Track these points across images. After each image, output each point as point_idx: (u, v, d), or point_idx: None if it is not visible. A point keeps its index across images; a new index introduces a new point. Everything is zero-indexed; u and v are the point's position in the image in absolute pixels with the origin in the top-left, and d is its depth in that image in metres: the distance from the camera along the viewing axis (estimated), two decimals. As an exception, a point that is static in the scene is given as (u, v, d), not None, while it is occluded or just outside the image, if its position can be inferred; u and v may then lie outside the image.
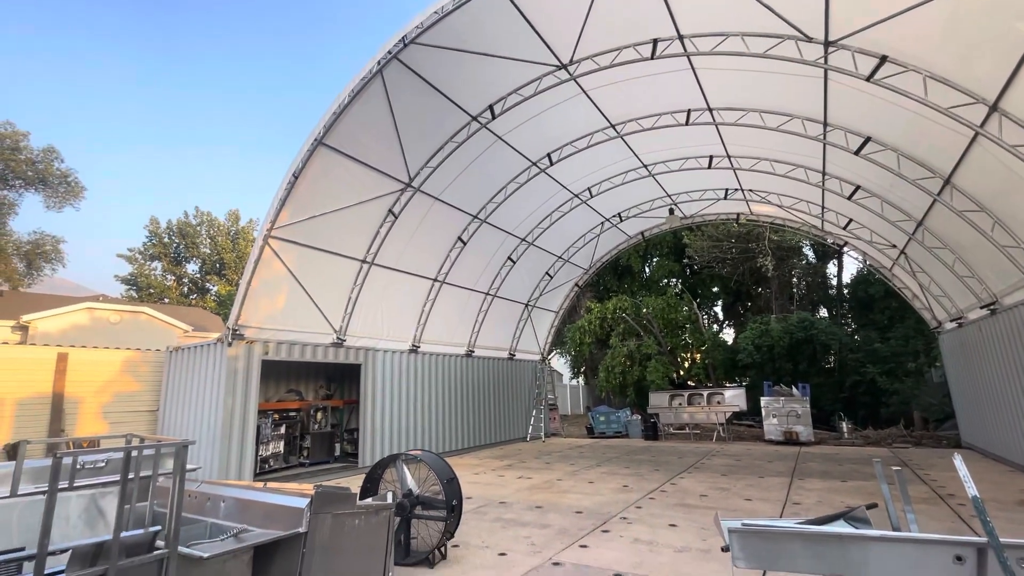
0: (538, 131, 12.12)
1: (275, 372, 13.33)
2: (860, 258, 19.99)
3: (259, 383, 10.61)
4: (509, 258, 16.57)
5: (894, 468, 2.74)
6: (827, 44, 7.35)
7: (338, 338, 12.30)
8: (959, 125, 6.99)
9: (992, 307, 9.93)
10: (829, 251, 28.10)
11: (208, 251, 42.39)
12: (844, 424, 16.52)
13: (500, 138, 11.95)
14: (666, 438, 18.21)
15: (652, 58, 9.01)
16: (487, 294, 16.73)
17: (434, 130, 11.15)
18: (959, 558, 2.28)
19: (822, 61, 7.50)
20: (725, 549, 2.64)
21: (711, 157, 13.42)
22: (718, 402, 17.43)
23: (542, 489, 9.63)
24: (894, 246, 13.24)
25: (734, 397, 17.13)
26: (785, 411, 15.95)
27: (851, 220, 13.78)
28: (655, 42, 8.94)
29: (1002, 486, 8.69)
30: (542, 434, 19.14)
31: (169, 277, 41.74)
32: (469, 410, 16.23)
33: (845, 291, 27.64)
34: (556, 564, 5.53)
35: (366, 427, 12.72)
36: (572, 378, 36.69)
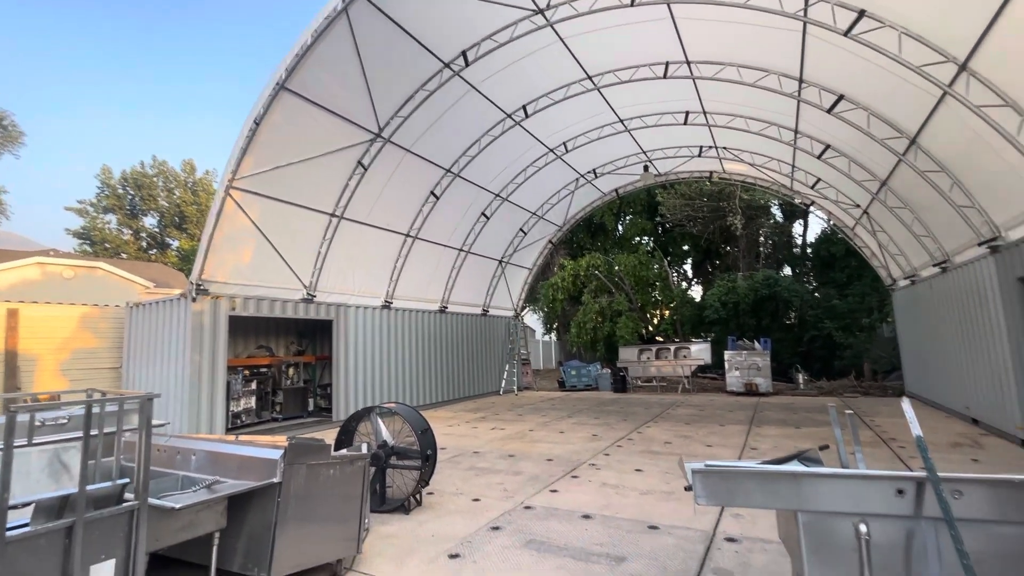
0: (514, 81, 11.72)
1: (244, 328, 13.08)
2: (825, 217, 20.56)
3: (227, 339, 10.40)
4: (483, 214, 16.36)
5: (847, 412, 2.90)
6: (808, -5, 7.22)
7: (308, 294, 12.08)
8: (929, 85, 7.07)
9: (944, 265, 10.42)
10: (796, 211, 28.70)
11: (166, 204, 40.40)
12: (800, 376, 17.44)
13: (474, 87, 11.51)
14: (634, 390, 18.90)
15: (632, 5, 8.69)
16: (460, 250, 16.59)
17: (404, 77, 10.65)
18: (900, 491, 2.47)
19: (802, 13, 7.38)
20: (688, 488, 2.79)
21: (687, 113, 13.30)
22: (684, 356, 18.08)
23: (515, 439, 9.93)
24: (857, 206, 13.61)
25: (699, 351, 17.78)
26: (747, 364, 16.69)
27: (819, 180, 14.03)
28: (635, -12, 8.61)
29: (939, 431, 9.40)
30: (515, 388, 19.58)
31: (125, 231, 39.78)
32: (443, 365, 16.40)
33: (808, 250, 28.53)
34: (528, 508, 5.77)
35: (339, 382, 12.73)
36: (545, 334, 37.33)
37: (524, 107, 12.77)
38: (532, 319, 38.42)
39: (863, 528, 2.48)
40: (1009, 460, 7.26)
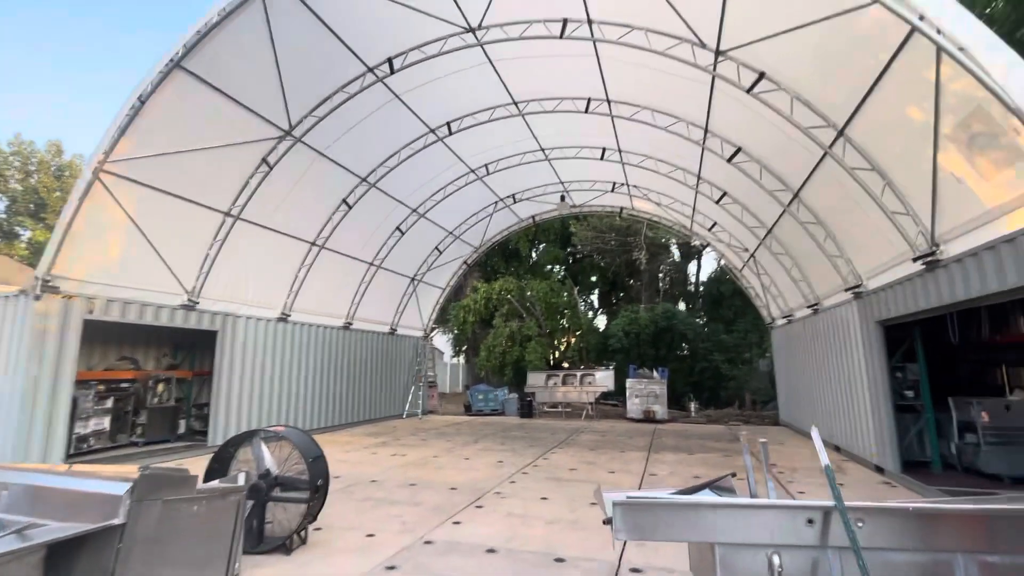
0: (440, 96, 11.53)
1: (105, 336, 11.25)
2: (718, 258, 22.50)
3: (79, 347, 8.81)
4: (398, 228, 15.78)
5: (760, 441, 2.94)
6: (718, 53, 7.88)
7: (190, 300, 10.68)
8: (812, 145, 7.98)
9: (815, 307, 11.71)
10: (692, 251, 31.36)
11: (20, 187, 34.58)
12: (692, 405, 18.61)
13: (398, 97, 11.15)
14: (540, 416, 18.98)
15: (561, 37, 8.95)
16: (371, 264, 15.80)
17: (324, 75, 10.03)
18: (810, 520, 2.49)
19: (711, 68, 8.03)
20: (607, 522, 2.62)
21: (604, 149, 13.95)
22: (589, 383, 18.56)
23: (417, 466, 9.36)
24: (746, 249, 15.01)
25: (604, 378, 18.36)
26: (646, 392, 17.48)
27: (715, 223, 15.33)
28: (565, 21, 8.89)
29: (810, 457, 10.35)
30: (420, 411, 18.81)
31: (-42, 214, 33.34)
32: (344, 385, 15.30)
33: (701, 288, 31.11)
34: (428, 543, 5.32)
35: (219, 402, 11.31)
36: (453, 356, 36.68)
37: (448, 124, 12.61)
38: (441, 341, 37.71)
39: (776, 560, 2.47)
40: (867, 483, 8.11)
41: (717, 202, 12.98)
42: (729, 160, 10.41)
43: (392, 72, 10.12)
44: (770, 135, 8.90)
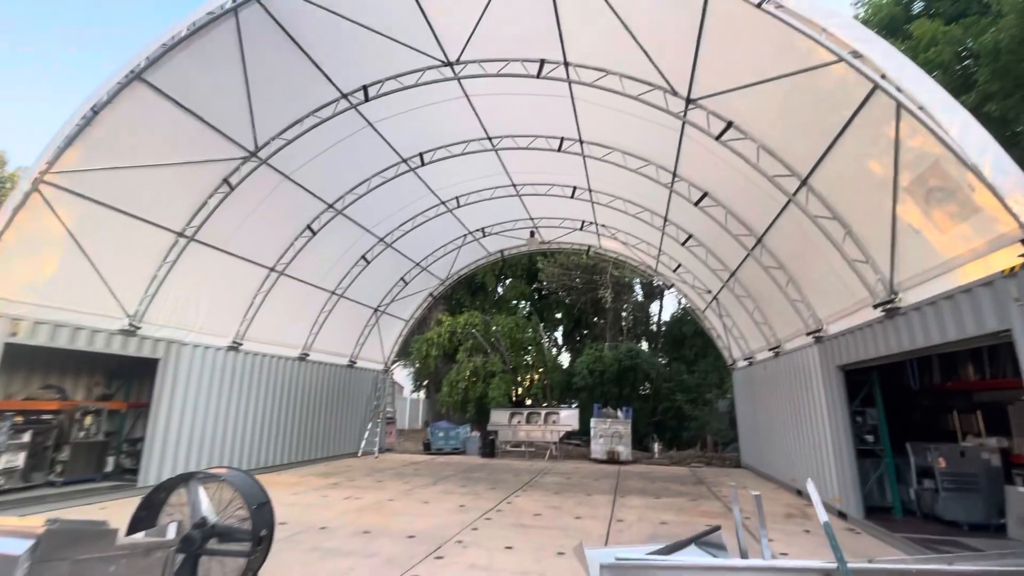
0: (414, 127, 11.48)
1: (29, 361, 10.19)
2: (681, 299, 22.99)
3: (-4, 373, 7.91)
4: (363, 257, 15.37)
5: (754, 494, 2.78)
6: (688, 101, 8.17)
7: (131, 324, 9.89)
8: (776, 192, 8.27)
9: (776, 350, 11.95)
10: (654, 292, 32.07)
11: (-51, 197, 32.06)
12: (656, 445, 18.48)
13: (371, 124, 11.02)
14: (502, 455, 18.39)
15: (538, 77, 9.11)
16: (333, 293, 15.24)
17: (295, 99, 9.81)
18: (812, 584, 2.32)
19: (682, 114, 8.30)
20: (593, 585, 2.36)
21: (574, 188, 14.16)
22: (554, 421, 18.20)
23: (371, 511, 8.72)
24: (709, 291, 15.35)
25: (568, 417, 18.06)
26: (610, 432, 17.26)
27: (680, 264, 15.67)
28: (542, 62, 9.07)
29: (772, 501, 10.29)
30: (376, 449, 17.89)
31: None
32: (297, 421, 14.41)
33: (663, 328, 31.64)
34: (383, 601, 4.82)
35: (155, 437, 10.37)
36: (414, 391, 35.60)
37: (421, 155, 12.53)
38: (402, 375, 36.58)
39: (776, 627, 2.27)
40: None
41: (683, 244, 13.28)
42: (696, 204, 10.70)
43: (367, 100, 10.01)
44: (736, 181, 9.21)
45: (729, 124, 7.98)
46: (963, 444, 8.02)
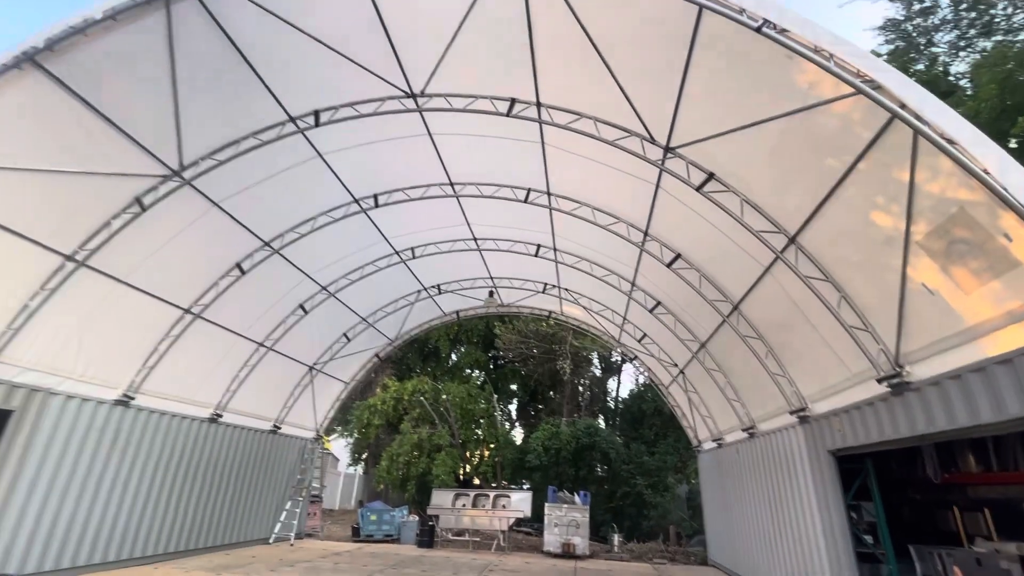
0: (369, 164, 10.53)
1: None
2: (642, 375, 22.07)
3: None
4: (301, 306, 13.73)
5: None
6: (667, 149, 7.61)
7: (-20, 364, 7.82)
8: (759, 252, 7.62)
9: (751, 431, 10.92)
10: (611, 367, 31.17)
11: None
12: (615, 537, 16.58)
13: (321, 156, 9.98)
14: (443, 545, 15.98)
15: (508, 115, 8.44)
16: (261, 345, 13.34)
17: (233, 115, 8.69)
18: None
19: (660, 163, 7.70)
20: None
21: (539, 246, 13.37)
22: (503, 505, 16.13)
23: (260, 627, 6.61)
24: (675, 364, 14.47)
25: (520, 501, 16.07)
26: (566, 520, 15.36)
27: (645, 334, 14.84)
28: (513, 101, 8.44)
29: (756, 613, 8.76)
30: (293, 534, 15.13)
31: None
32: (196, 498, 11.89)
33: (621, 405, 30.43)
34: None
35: (-14, 515, 7.93)
36: (351, 465, 32.15)
37: (376, 196, 11.49)
38: (340, 445, 33.20)
39: None
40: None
41: (651, 311, 12.49)
42: (669, 265, 9.99)
43: (317, 125, 9.01)
44: (714, 241, 8.57)
45: (710, 175, 7.41)
46: (976, 549, 6.96)
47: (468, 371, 29.09)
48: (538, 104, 8.40)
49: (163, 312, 10.49)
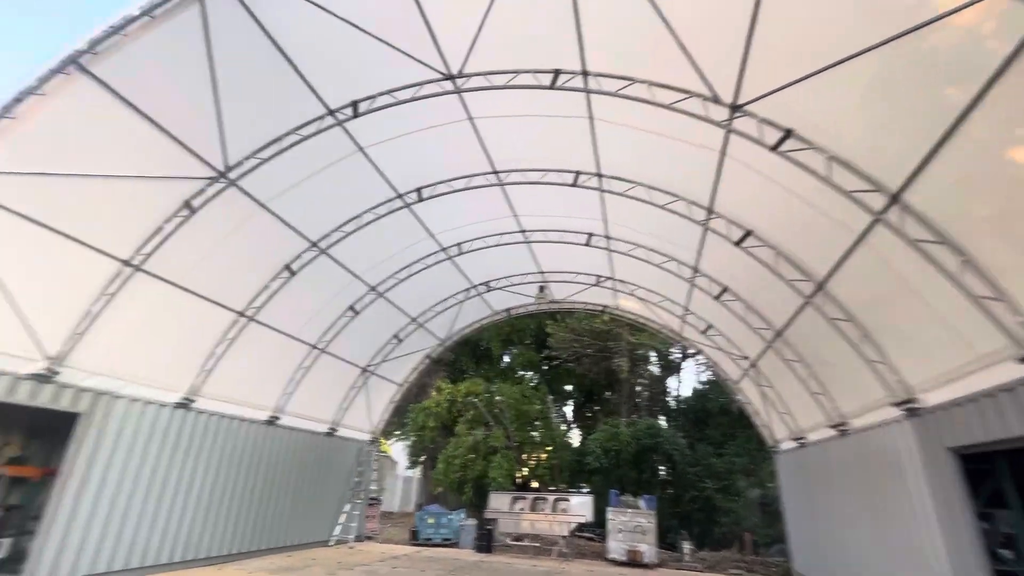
0: (411, 155, 10.21)
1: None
2: (706, 368, 20.72)
3: None
4: (351, 308, 13.66)
5: None
6: (734, 107, 6.73)
7: (48, 369, 8.05)
8: (852, 219, 6.57)
9: (842, 428, 9.66)
10: (671, 365, 29.64)
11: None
12: (686, 545, 15.44)
13: (362, 149, 9.75)
14: (501, 550, 15.44)
15: (552, 87, 7.83)
16: (314, 347, 13.37)
17: (273, 111, 8.60)
18: None
19: (726, 124, 6.82)
20: None
21: (590, 234, 12.62)
22: (563, 510, 15.40)
23: (312, 636, 6.29)
24: (746, 357, 13.25)
25: (580, 505, 15.28)
26: (631, 526, 14.43)
27: (711, 326, 13.70)
28: (557, 72, 7.83)
29: (862, 637, 7.61)
30: (352, 537, 15.10)
31: None
32: (257, 500, 11.99)
33: (682, 404, 28.86)
34: None
35: (58, 515, 8.15)
36: (409, 468, 32.37)
37: (419, 190, 11.18)
38: (398, 448, 33.52)
39: None
40: None
41: (717, 298, 11.43)
42: (738, 243, 8.99)
43: (356, 115, 8.76)
44: (792, 211, 7.55)
45: (787, 133, 6.45)
46: None
47: (521, 372, 28.56)
48: (584, 73, 7.73)
49: (218, 315, 10.61)
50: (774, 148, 6.48)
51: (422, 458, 29.76)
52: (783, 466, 14.08)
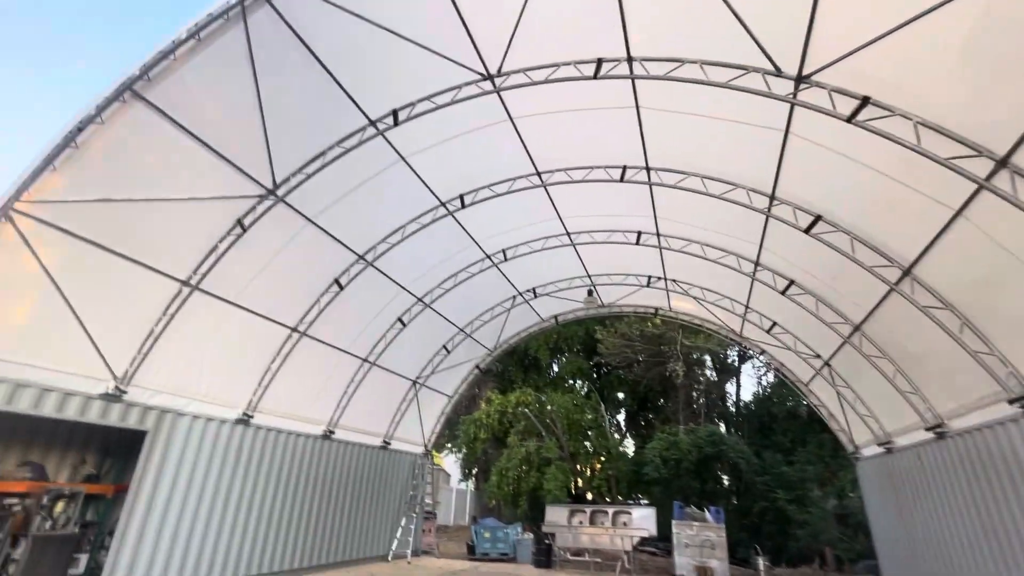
0: (452, 161, 10.09)
1: (9, 432, 8.80)
2: (773, 369, 19.46)
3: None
4: (400, 319, 13.65)
5: None
6: (800, 79, 6.15)
7: (117, 388, 8.33)
8: (946, 192, 5.82)
9: (939, 430, 8.63)
10: (728, 369, 28.18)
11: None
12: (760, 560, 14.35)
13: (404, 159, 9.71)
14: (561, 565, 14.87)
15: (595, 77, 7.47)
16: (365, 360, 13.42)
17: (316, 126, 8.67)
18: None
19: (791, 98, 6.23)
20: None
21: (639, 232, 12.09)
22: (624, 523, 14.67)
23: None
24: (818, 355, 12.23)
25: (643, 519, 14.51)
26: (699, 540, 13.54)
27: (775, 323, 12.78)
28: (600, 61, 7.47)
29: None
30: (409, 551, 14.96)
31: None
32: (315, 514, 12.05)
33: (742, 409, 27.33)
34: None
35: (129, 531, 8.39)
36: (462, 481, 32.26)
37: (461, 196, 11.04)
38: (450, 461, 33.50)
39: None
40: None
41: (783, 292, 10.60)
42: (806, 231, 8.25)
43: (396, 124, 8.71)
44: (871, 189, 6.83)
45: (865, 100, 5.80)
46: None
47: (571, 381, 27.92)
48: (629, 59, 7.34)
49: (272, 331, 10.78)
50: (850, 118, 5.84)
51: (474, 470, 29.58)
52: (867, 474, 12.85)
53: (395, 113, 8.70)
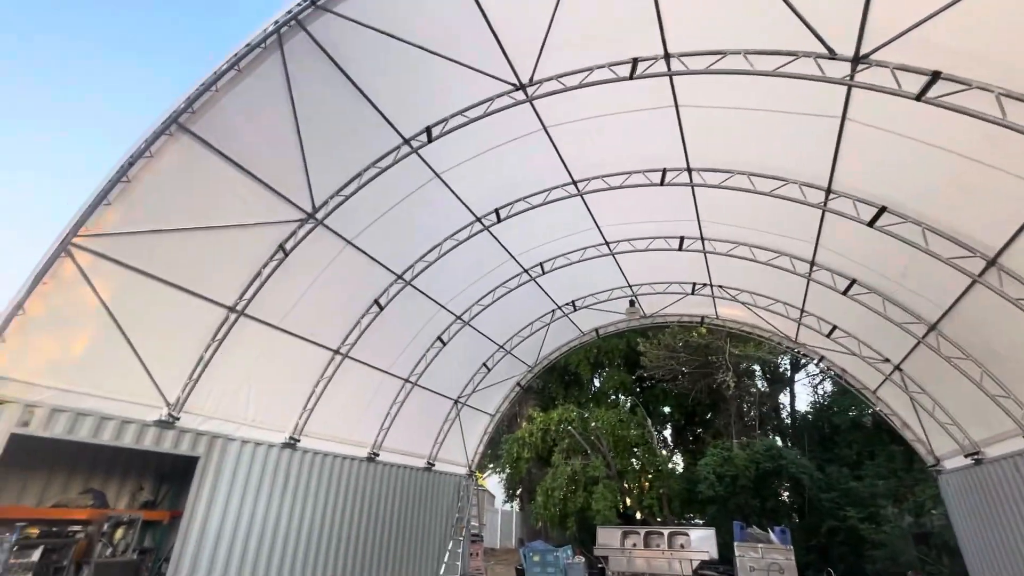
0: (486, 176, 9.99)
1: (72, 460, 9.08)
2: (833, 377, 18.36)
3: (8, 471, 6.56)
4: (439, 338, 13.56)
5: None
6: (857, 59, 5.71)
7: (170, 415, 8.48)
8: (1036, 168, 5.21)
9: (1040, 437, 7.73)
10: (780, 377, 26.77)
11: None
12: (835, 585, 13.24)
13: (438, 175, 9.68)
14: (616, 592, 14.16)
15: (631, 78, 7.23)
16: (407, 381, 13.35)
17: (352, 147, 8.74)
18: None
19: (847, 79, 5.79)
20: None
21: (682, 238, 11.63)
22: (682, 545, 13.90)
23: None
24: (887, 360, 11.33)
25: (702, 540, 13.70)
26: (765, 563, 12.63)
27: (835, 327, 11.96)
28: (635, 61, 7.23)
29: None
30: (458, 575, 14.59)
31: None
32: (362, 536, 11.92)
33: (798, 420, 25.82)
34: None
35: (185, 554, 8.45)
36: (506, 501, 31.65)
37: (497, 211, 10.91)
38: (493, 481, 33.02)
39: None
40: None
41: (844, 292, 9.89)
42: (871, 223, 7.66)
43: (430, 140, 8.68)
44: (945, 172, 6.25)
45: (934, 75, 5.32)
46: None
47: (613, 396, 27.14)
48: (666, 56, 7.07)
49: (316, 354, 10.85)
50: (919, 96, 5.35)
51: (518, 491, 28.98)
52: (952, 490, 11.69)
53: (428, 130, 8.69)
